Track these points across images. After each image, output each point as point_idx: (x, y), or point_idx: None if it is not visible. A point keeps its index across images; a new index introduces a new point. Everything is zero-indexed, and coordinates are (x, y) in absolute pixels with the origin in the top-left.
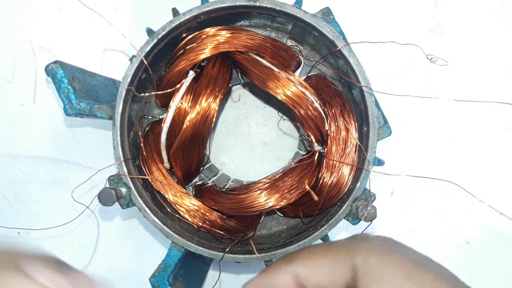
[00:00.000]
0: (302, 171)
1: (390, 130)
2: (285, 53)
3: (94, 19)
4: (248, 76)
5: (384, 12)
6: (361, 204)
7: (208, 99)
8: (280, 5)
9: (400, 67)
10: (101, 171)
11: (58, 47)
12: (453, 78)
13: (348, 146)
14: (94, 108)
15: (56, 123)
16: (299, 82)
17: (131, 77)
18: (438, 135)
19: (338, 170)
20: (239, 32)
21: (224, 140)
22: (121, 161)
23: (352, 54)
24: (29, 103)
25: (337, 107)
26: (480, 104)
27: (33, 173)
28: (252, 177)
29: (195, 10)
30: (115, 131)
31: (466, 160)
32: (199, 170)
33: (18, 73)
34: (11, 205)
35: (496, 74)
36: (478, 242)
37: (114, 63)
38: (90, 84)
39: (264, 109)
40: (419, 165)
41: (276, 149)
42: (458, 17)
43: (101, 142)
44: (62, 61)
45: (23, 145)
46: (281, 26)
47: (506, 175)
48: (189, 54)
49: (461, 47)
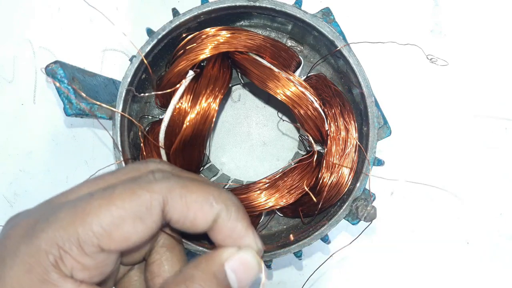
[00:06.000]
0: (302, 171)
1: (390, 130)
2: (285, 53)
3: (94, 19)
4: (248, 76)
5: (384, 12)
6: (361, 204)
7: (208, 99)
8: (280, 5)
9: (400, 67)
10: (101, 171)
11: (58, 47)
12: (453, 78)
13: (348, 146)
14: (94, 108)
15: (56, 123)
16: (299, 82)
17: (131, 77)
18: (438, 135)
19: (338, 170)
20: (239, 32)
21: (224, 140)
22: (121, 161)
23: (352, 54)
24: (29, 103)
25: (337, 107)
26: (480, 104)
27: (33, 173)
28: (252, 177)
29: (195, 10)
30: (115, 131)
31: (466, 160)
32: (199, 170)
33: (18, 73)
34: (11, 205)
35: (496, 74)
36: (478, 242)
37: (114, 63)
38: (90, 84)
39: (264, 109)
40: (419, 165)
41: (276, 149)
42: (458, 17)
43: (101, 142)
44: (62, 61)
45: (23, 145)
46: (281, 26)
47: (506, 175)
48: (189, 54)
49: (461, 47)
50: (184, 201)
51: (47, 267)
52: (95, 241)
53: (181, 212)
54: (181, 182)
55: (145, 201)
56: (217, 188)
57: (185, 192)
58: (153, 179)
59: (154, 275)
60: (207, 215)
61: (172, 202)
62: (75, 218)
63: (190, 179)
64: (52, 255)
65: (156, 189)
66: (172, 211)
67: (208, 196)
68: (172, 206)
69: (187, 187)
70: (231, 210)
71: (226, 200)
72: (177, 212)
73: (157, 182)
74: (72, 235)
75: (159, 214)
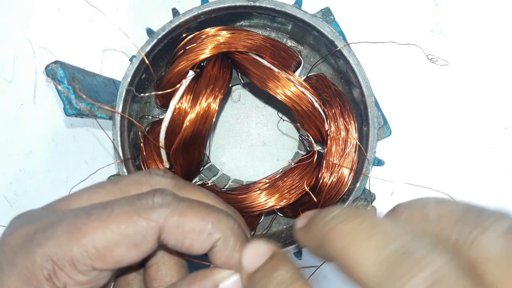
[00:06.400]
0: (302, 171)
1: (390, 130)
2: (285, 53)
3: (94, 19)
4: (248, 76)
5: (384, 12)
6: (361, 204)
7: (208, 99)
8: (280, 5)
9: (400, 67)
10: (101, 171)
11: (58, 47)
12: (453, 78)
13: (348, 146)
14: (94, 108)
15: (56, 123)
16: (299, 82)
17: (131, 77)
18: (438, 135)
19: (338, 170)
20: (239, 32)
21: (224, 140)
22: (121, 160)
23: (352, 54)
24: (29, 103)
25: (337, 107)
26: (480, 104)
27: (33, 173)
28: (252, 177)
29: (195, 10)
30: (115, 131)
31: (466, 160)
32: (199, 170)
33: (18, 73)
34: (11, 205)
35: (496, 74)
36: None
37: (114, 63)
38: (90, 84)
39: (264, 109)
40: (419, 165)
41: (276, 149)
42: (458, 17)
43: (101, 142)
44: (62, 61)
45: (23, 145)
46: (281, 26)
47: (506, 175)
48: (189, 54)
49: (461, 47)
50: (181, 229)
51: (41, 281)
52: (88, 261)
53: (177, 239)
54: (179, 209)
55: (141, 229)
56: (218, 214)
57: (182, 221)
58: (152, 205)
59: (151, 278)
60: (203, 244)
61: (168, 230)
62: (71, 237)
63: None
64: (46, 270)
65: (153, 217)
66: (168, 238)
67: (206, 225)
68: (169, 234)
69: (185, 214)
70: (229, 240)
71: (225, 229)
72: (173, 239)
73: (155, 210)
74: (67, 254)
75: (154, 240)
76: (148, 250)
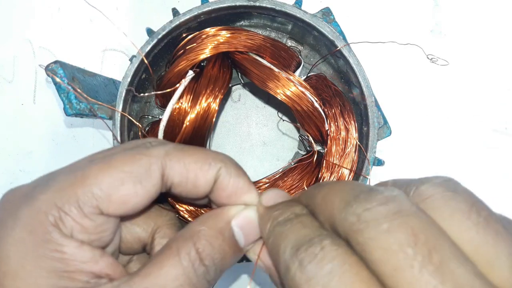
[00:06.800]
0: (302, 171)
1: (390, 130)
2: (285, 53)
3: (94, 19)
4: (248, 76)
5: (384, 12)
6: None
7: (208, 99)
8: (280, 5)
9: (400, 67)
10: None
11: (58, 47)
12: (453, 78)
13: (348, 146)
14: (94, 108)
15: (56, 123)
16: (299, 82)
17: (131, 77)
18: (438, 134)
19: (338, 170)
20: (239, 32)
21: (224, 140)
22: None
23: (352, 54)
24: (29, 103)
25: (337, 107)
26: (480, 103)
27: (33, 173)
28: (252, 177)
29: (195, 10)
30: (115, 131)
31: (466, 160)
32: None
33: (18, 73)
34: None
35: (496, 74)
36: None
37: (114, 63)
38: (90, 84)
39: (264, 109)
40: (419, 165)
41: (276, 149)
42: (458, 17)
43: (101, 142)
44: (62, 61)
45: (23, 145)
46: (281, 26)
47: (506, 175)
48: (189, 54)
49: (461, 47)
50: (182, 163)
51: (48, 227)
52: (94, 202)
53: (181, 174)
54: (178, 147)
55: (144, 164)
56: (213, 150)
57: (182, 155)
58: (151, 146)
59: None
60: (207, 174)
61: (171, 165)
62: (75, 180)
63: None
64: (52, 216)
65: (154, 153)
66: (172, 174)
67: (206, 157)
68: (172, 169)
69: (184, 150)
70: (231, 167)
71: (224, 159)
72: (177, 175)
73: (154, 148)
74: (72, 197)
75: (158, 177)
76: (153, 188)
